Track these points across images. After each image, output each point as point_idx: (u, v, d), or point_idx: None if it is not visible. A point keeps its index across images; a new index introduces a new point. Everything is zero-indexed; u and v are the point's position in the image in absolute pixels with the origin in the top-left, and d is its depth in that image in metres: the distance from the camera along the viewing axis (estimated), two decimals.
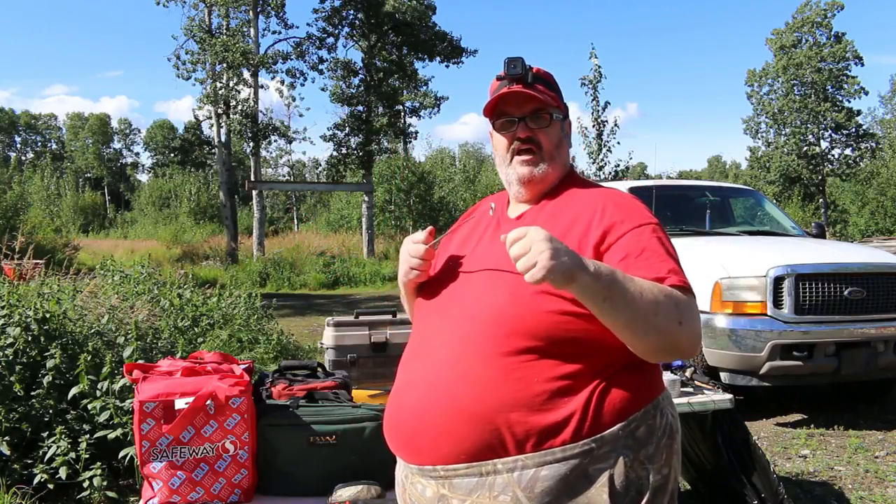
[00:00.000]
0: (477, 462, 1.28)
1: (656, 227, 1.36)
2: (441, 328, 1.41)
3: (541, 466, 1.25)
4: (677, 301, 1.24)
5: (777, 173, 31.29)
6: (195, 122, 22.71)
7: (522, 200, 1.51)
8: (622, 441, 1.28)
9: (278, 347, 6.42)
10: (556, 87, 1.52)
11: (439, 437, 1.31)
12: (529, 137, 1.46)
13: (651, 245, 1.31)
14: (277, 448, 1.98)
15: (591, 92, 12.82)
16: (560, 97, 1.51)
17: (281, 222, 42.52)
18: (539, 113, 1.46)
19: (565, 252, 1.15)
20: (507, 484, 1.26)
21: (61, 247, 17.02)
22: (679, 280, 1.27)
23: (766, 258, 4.83)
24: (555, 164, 1.48)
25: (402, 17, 21.66)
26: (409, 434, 1.37)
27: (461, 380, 1.30)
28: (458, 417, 1.29)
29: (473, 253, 1.49)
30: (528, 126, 1.46)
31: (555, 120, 1.48)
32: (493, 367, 1.28)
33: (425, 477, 1.35)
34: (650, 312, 1.20)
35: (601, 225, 1.34)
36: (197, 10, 20.57)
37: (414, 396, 1.38)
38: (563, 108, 1.52)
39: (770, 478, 2.91)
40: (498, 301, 1.33)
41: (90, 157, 63.76)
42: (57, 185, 45.62)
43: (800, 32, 31.11)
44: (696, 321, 1.27)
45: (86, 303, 4.64)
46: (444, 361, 1.34)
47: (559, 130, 1.50)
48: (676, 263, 1.31)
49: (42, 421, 3.42)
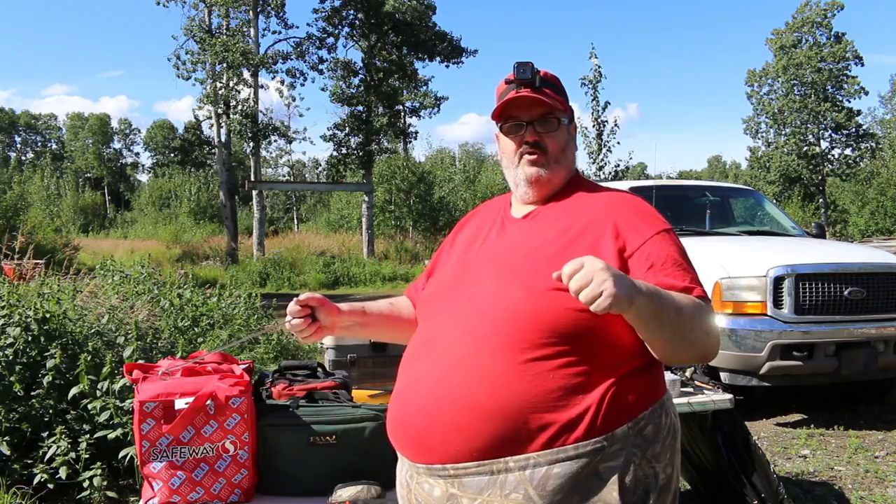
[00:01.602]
0: (488, 460, 1.27)
1: (671, 232, 1.39)
2: (449, 327, 1.40)
3: (553, 464, 1.25)
4: (705, 314, 1.29)
5: (777, 173, 31.29)
6: (195, 122, 22.74)
7: (529, 202, 1.51)
8: (631, 440, 1.29)
9: (278, 347, 6.42)
10: (562, 90, 1.53)
11: (450, 435, 1.30)
12: (537, 142, 1.47)
13: (672, 253, 1.34)
14: (277, 448, 1.98)
15: (591, 92, 12.80)
16: (566, 101, 1.52)
17: (281, 222, 42.56)
18: (547, 117, 1.47)
19: (622, 277, 1.16)
20: (518, 482, 1.26)
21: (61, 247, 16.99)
22: (702, 290, 1.32)
23: (766, 258, 4.83)
24: (561, 166, 1.49)
25: (402, 17, 21.67)
26: (418, 432, 1.36)
27: (474, 376, 1.30)
28: (471, 414, 1.28)
29: (479, 253, 1.49)
30: (536, 130, 1.47)
31: (562, 124, 1.49)
32: (509, 364, 1.28)
33: (433, 476, 1.34)
34: (687, 328, 1.26)
35: (618, 231, 1.36)
36: (197, 10, 20.63)
37: (422, 394, 1.37)
38: (570, 112, 1.53)
39: (770, 478, 2.91)
40: (513, 298, 1.33)
41: (90, 157, 63.72)
42: (57, 185, 45.63)
43: (800, 32, 31.11)
44: (717, 329, 1.33)
45: (86, 303, 4.64)
46: (457, 359, 1.34)
47: (566, 134, 1.51)
48: (694, 271, 1.36)
49: (42, 421, 3.42)
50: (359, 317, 1.67)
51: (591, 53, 12.78)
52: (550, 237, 1.40)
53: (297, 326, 1.56)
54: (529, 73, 1.45)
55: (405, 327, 1.68)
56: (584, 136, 13.06)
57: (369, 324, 1.69)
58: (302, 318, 1.56)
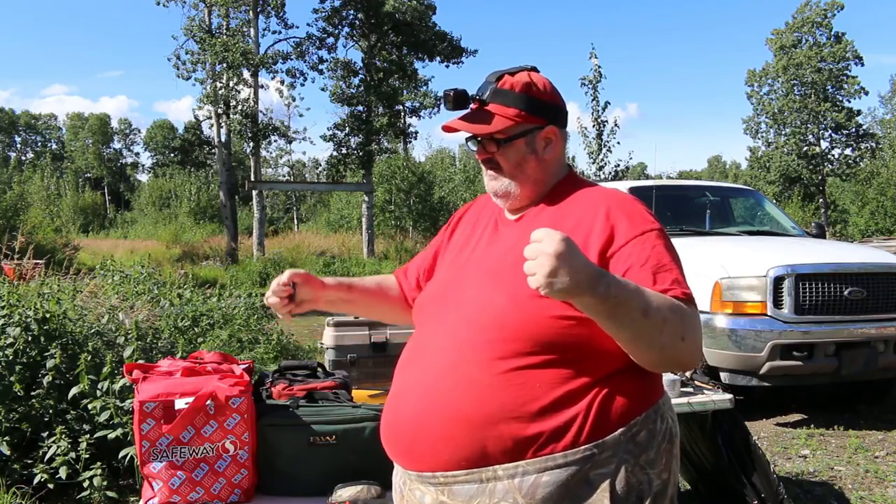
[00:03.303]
0: (477, 468, 1.27)
1: (659, 232, 1.33)
2: (438, 333, 1.40)
3: (542, 472, 1.24)
4: (683, 316, 1.21)
5: (777, 173, 31.29)
6: (195, 122, 22.71)
7: (509, 210, 1.49)
8: (623, 446, 1.26)
9: (278, 347, 6.42)
10: (524, 98, 1.42)
11: (438, 444, 1.30)
12: (488, 159, 1.45)
13: (655, 253, 1.29)
14: (277, 448, 1.98)
15: (591, 92, 12.81)
16: (531, 109, 1.42)
17: (281, 222, 42.56)
18: (490, 137, 1.42)
19: (570, 268, 1.07)
20: (507, 490, 1.25)
21: (61, 247, 17.00)
22: (682, 291, 1.25)
23: (766, 258, 4.83)
24: (520, 180, 1.43)
25: (402, 17, 21.66)
26: (408, 441, 1.36)
27: (460, 385, 1.29)
28: (458, 423, 1.28)
29: (471, 257, 1.48)
30: (486, 149, 1.44)
31: (506, 143, 1.42)
32: (492, 373, 1.27)
33: (424, 484, 1.34)
34: (656, 330, 1.18)
35: (604, 230, 1.32)
36: (197, 10, 20.61)
37: (411, 402, 1.37)
38: (536, 119, 1.43)
39: (770, 478, 2.91)
40: (497, 305, 1.32)
41: (90, 157, 63.73)
42: (57, 185, 45.63)
43: (800, 32, 31.11)
44: (698, 335, 1.25)
45: (86, 303, 4.64)
46: (443, 367, 1.33)
47: (522, 148, 1.42)
48: (680, 272, 1.30)
49: (42, 421, 3.42)
50: (344, 292, 1.70)
51: (591, 53, 12.80)
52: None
53: (275, 305, 1.60)
54: (452, 103, 1.43)
55: (390, 306, 1.74)
56: (584, 136, 13.08)
57: (354, 300, 1.73)
58: (279, 299, 1.59)
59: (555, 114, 1.46)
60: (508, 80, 1.43)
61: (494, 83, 1.43)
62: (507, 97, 1.42)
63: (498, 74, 1.44)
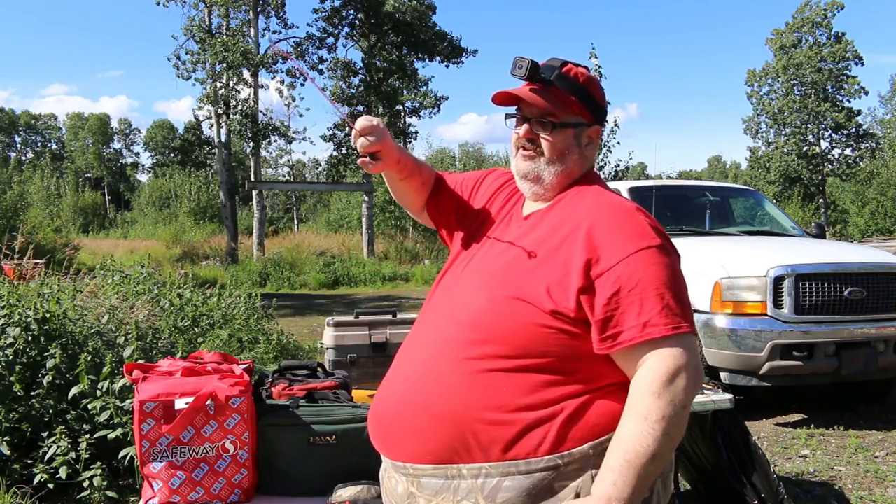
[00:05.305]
0: (443, 464, 1.27)
1: (658, 249, 1.24)
2: (431, 324, 1.42)
3: (504, 476, 1.23)
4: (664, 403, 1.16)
5: (777, 173, 31.30)
6: (195, 122, 22.72)
7: (530, 199, 1.47)
8: (592, 460, 1.22)
9: (278, 347, 6.41)
10: (584, 91, 1.42)
11: (409, 435, 1.32)
12: (531, 139, 1.42)
13: (648, 275, 1.21)
14: (277, 448, 1.98)
15: None
16: (588, 103, 1.42)
17: (281, 222, 42.55)
18: (545, 117, 1.39)
19: None
20: (470, 490, 1.25)
21: (61, 247, 17.00)
22: (667, 327, 1.18)
23: (766, 258, 4.83)
24: (557, 168, 1.41)
25: (402, 17, 21.65)
26: (385, 429, 1.38)
27: (433, 380, 1.31)
28: (427, 418, 1.29)
29: (479, 250, 1.46)
30: (533, 127, 1.41)
31: (560, 129, 1.40)
32: (462, 372, 1.28)
33: (398, 472, 1.35)
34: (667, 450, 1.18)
35: (595, 245, 1.25)
36: (197, 10, 20.58)
37: (392, 391, 1.39)
38: (588, 115, 1.43)
39: (770, 478, 2.91)
40: (475, 305, 1.32)
41: (90, 157, 63.71)
42: (57, 185, 45.56)
43: (800, 32, 31.12)
44: (685, 382, 1.18)
45: (86, 303, 4.64)
46: (423, 360, 1.35)
47: (571, 138, 1.41)
48: (674, 295, 1.21)
49: (42, 421, 3.42)
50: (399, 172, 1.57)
51: (591, 53, 12.83)
52: (533, 246, 1.34)
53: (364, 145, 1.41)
54: (525, 71, 1.38)
55: (414, 190, 1.64)
56: None
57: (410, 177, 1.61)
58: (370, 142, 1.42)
59: (602, 116, 1.48)
60: (574, 69, 1.43)
61: (559, 68, 1.41)
62: (571, 85, 1.41)
63: (562, 61, 1.43)
